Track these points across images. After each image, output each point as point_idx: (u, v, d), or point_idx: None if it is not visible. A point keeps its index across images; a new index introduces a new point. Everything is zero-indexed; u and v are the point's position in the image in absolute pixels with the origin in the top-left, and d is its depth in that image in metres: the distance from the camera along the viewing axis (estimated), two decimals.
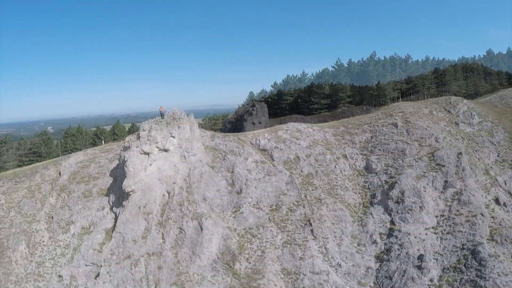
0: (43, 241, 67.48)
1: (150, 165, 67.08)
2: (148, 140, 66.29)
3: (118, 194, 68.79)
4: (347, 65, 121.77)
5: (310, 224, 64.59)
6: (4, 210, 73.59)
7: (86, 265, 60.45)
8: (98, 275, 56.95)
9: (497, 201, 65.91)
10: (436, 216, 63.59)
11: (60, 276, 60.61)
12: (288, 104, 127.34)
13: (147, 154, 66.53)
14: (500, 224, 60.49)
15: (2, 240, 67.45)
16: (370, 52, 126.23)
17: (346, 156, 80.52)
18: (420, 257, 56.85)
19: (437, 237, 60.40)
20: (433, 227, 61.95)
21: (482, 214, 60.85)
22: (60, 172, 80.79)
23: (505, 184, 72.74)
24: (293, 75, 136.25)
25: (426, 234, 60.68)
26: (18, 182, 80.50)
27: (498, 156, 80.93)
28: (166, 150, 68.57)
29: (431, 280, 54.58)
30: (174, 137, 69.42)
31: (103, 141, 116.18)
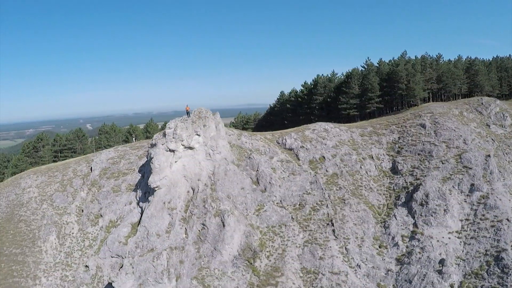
0: (72, 233, 70.46)
1: (176, 162, 68.68)
2: (173, 138, 67.81)
3: (144, 190, 70.85)
4: (377, 65, 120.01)
5: (332, 224, 64.57)
6: (37, 202, 77.31)
7: (112, 257, 62.80)
8: (122, 266, 58.88)
9: None
10: (461, 220, 62.08)
11: (86, 266, 63.37)
12: (318, 103, 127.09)
13: (173, 151, 68.08)
14: None
15: (34, 231, 70.93)
16: (401, 51, 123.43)
17: (373, 157, 79.84)
18: (442, 262, 55.71)
19: (461, 241, 59.00)
20: (457, 231, 60.59)
21: (508, 220, 58.80)
22: (91, 168, 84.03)
23: None
24: (322, 74, 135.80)
25: (449, 238, 59.42)
26: (51, 177, 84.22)
27: None
28: (191, 148, 70.00)
29: (451, 286, 53.38)
30: (199, 135, 70.73)
31: (134, 139, 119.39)
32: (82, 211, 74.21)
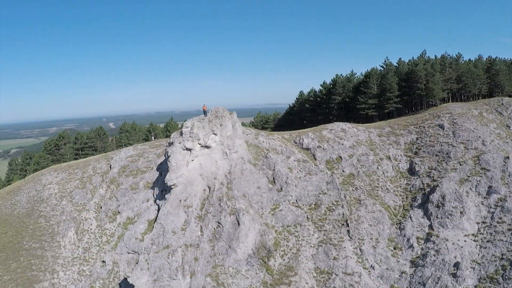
0: (90, 229, 72.00)
1: (192, 160, 69.44)
2: (190, 136, 68.60)
3: (161, 188, 71.90)
4: (396, 65, 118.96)
5: (347, 225, 64.42)
6: (57, 198, 79.22)
7: (128, 253, 64.06)
8: (137, 262, 59.92)
9: None
10: (477, 223, 60.94)
11: (103, 261, 64.82)
12: (337, 103, 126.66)
13: (189, 150, 68.89)
14: None
15: (53, 226, 72.75)
16: (420, 51, 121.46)
17: (390, 157, 79.23)
18: (456, 265, 54.85)
19: (477, 245, 57.92)
20: (473, 234, 59.49)
21: None
22: (110, 166, 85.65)
23: None
24: (341, 74, 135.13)
25: (465, 241, 58.43)
26: (71, 174, 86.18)
27: None
28: (208, 147, 70.68)
29: None
30: (216, 134, 71.37)
31: (153, 137, 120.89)
32: (101, 207, 75.75)
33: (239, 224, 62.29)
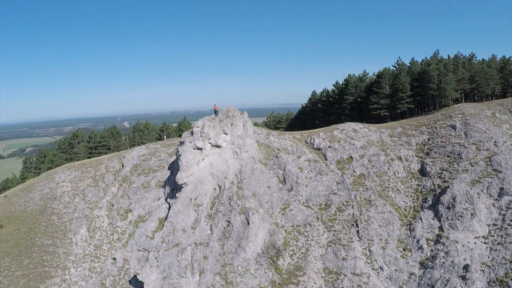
0: (102, 226, 73.02)
1: (203, 160, 69.93)
2: (201, 136, 69.12)
3: (172, 186, 72.55)
4: (409, 65, 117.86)
5: (357, 225, 64.23)
6: (69, 196, 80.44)
7: (139, 250, 64.85)
8: (147, 259, 60.62)
9: None
10: (488, 225, 60.16)
11: (114, 258, 65.76)
12: (349, 103, 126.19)
13: (200, 149, 69.40)
14: None
15: (66, 223, 73.92)
16: (433, 51, 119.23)
17: (401, 158, 78.71)
18: (466, 267, 54.24)
19: (487, 247, 57.16)
20: (483, 236, 58.79)
21: None
22: (123, 164, 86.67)
23: None
24: (354, 74, 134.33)
25: (475, 243, 57.79)
26: (84, 172, 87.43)
27: None
28: (218, 146, 71.10)
29: None
30: (226, 134, 71.76)
31: (165, 136, 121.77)
32: (113, 205, 76.78)
33: (248, 223, 62.57)
